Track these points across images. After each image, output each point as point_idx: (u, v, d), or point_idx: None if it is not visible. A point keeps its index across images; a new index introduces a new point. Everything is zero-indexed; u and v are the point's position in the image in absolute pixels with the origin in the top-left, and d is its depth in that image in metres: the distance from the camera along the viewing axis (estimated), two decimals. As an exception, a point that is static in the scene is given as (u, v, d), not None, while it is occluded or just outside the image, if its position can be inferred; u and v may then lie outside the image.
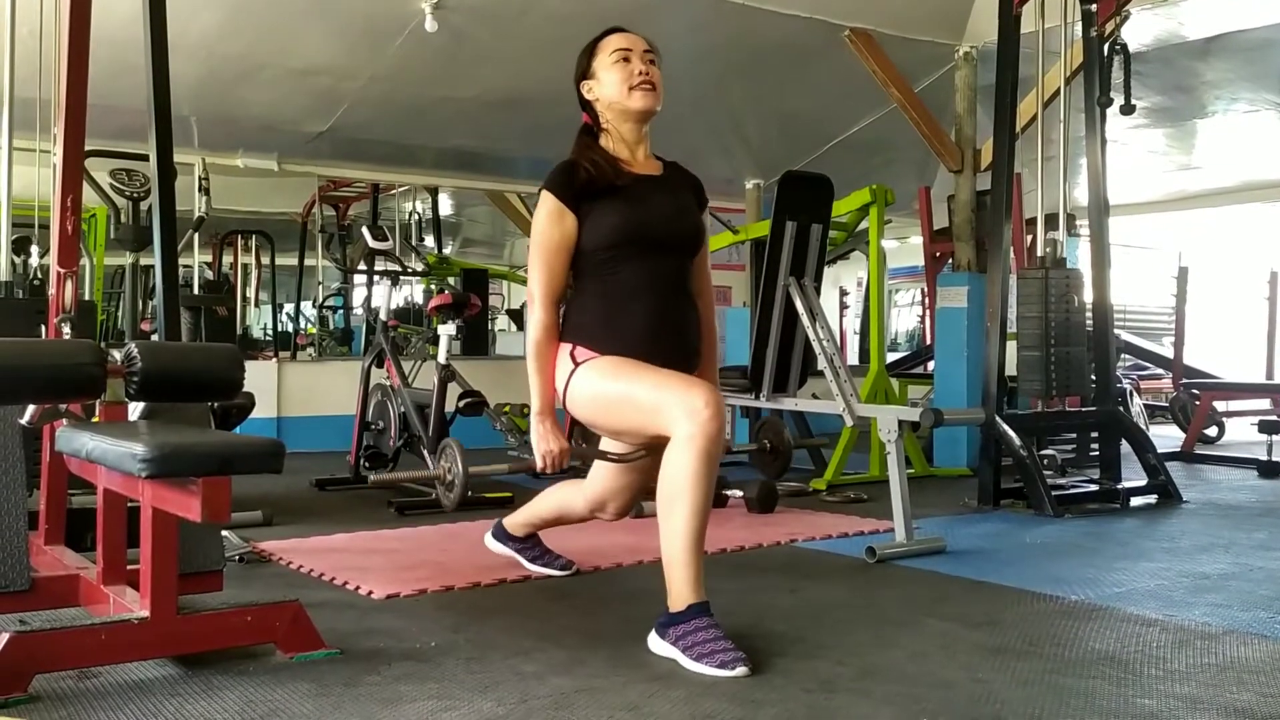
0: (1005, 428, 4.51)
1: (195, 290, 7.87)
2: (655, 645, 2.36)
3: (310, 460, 5.69)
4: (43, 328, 3.52)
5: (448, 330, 4.89)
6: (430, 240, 10.23)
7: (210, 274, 9.25)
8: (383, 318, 5.29)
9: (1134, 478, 4.88)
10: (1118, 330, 6.74)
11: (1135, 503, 4.67)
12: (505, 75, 6.09)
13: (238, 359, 2.63)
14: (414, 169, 8.15)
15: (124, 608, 2.30)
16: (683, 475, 2.30)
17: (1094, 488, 4.74)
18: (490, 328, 10.27)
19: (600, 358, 2.53)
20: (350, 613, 2.74)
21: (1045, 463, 4.82)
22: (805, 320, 4.76)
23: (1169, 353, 8.47)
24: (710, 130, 7.56)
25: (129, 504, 2.43)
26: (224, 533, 3.14)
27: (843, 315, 12.49)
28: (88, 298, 6.70)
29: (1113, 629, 2.61)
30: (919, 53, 6.26)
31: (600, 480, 2.86)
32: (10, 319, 3.77)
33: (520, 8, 5.43)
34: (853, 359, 10.74)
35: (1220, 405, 7.65)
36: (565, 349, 2.58)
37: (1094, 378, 4.92)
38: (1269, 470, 5.76)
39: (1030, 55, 4.90)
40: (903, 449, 3.64)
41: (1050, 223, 5.00)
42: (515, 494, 4.59)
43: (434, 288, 8.95)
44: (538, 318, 2.58)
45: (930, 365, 6.80)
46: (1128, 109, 4.97)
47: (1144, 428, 6.25)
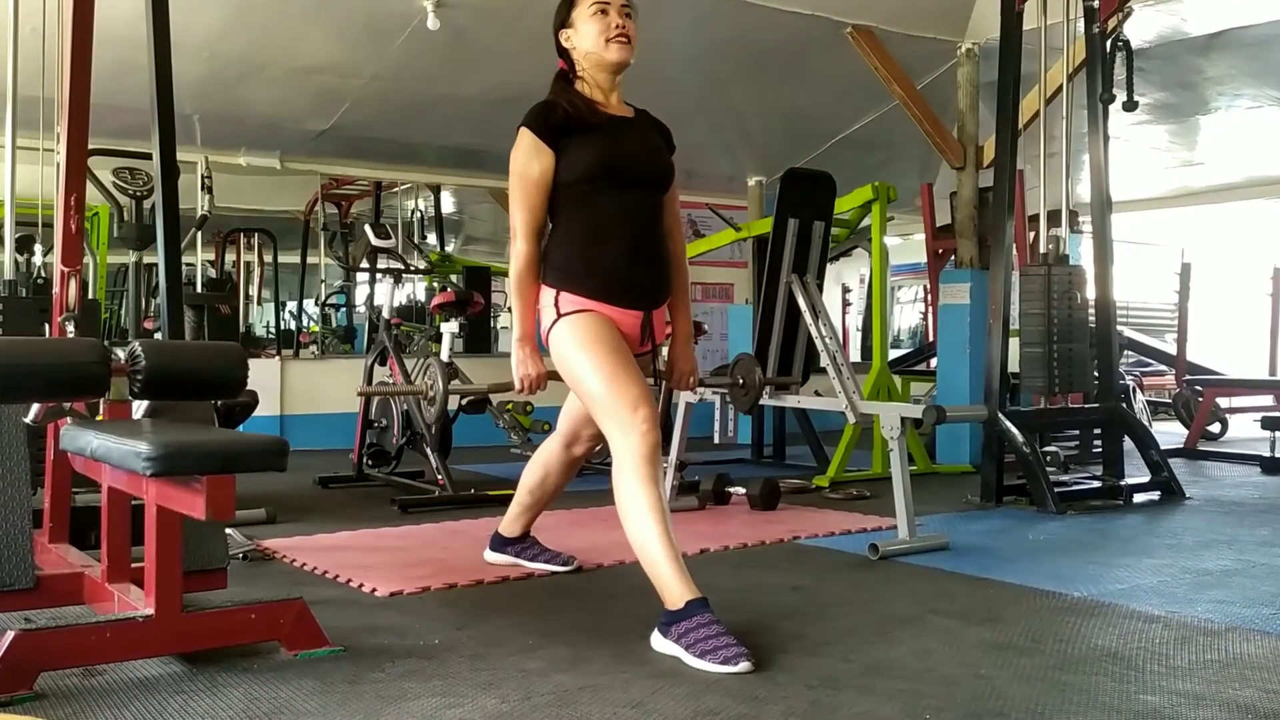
0: (1008, 424, 4.51)
1: (198, 288, 7.85)
2: (658, 644, 2.37)
3: (313, 458, 5.70)
4: (46, 326, 3.52)
5: (450, 328, 4.90)
6: (432, 238, 10.23)
7: (213, 272, 9.23)
8: (385, 316, 5.30)
9: (1137, 474, 4.89)
10: (1120, 326, 6.74)
11: (1138, 499, 4.68)
12: (507, 72, 6.08)
13: (241, 357, 2.63)
14: (416, 167, 8.15)
15: (129, 606, 2.31)
16: (630, 485, 2.44)
17: (1097, 484, 4.74)
18: (493, 325, 10.26)
19: (578, 315, 2.61)
20: (354, 610, 2.75)
21: (1048, 459, 4.82)
22: (808, 317, 4.76)
23: (1172, 349, 8.46)
24: (712, 127, 7.56)
25: (133, 502, 2.44)
26: (228, 530, 3.15)
27: (845, 312, 12.49)
28: (91, 296, 6.70)
29: (1115, 625, 2.61)
30: (921, 49, 6.26)
31: (572, 412, 3.01)
32: (14, 317, 3.78)
33: (521, 5, 5.43)
34: (855, 356, 10.74)
35: (1223, 401, 7.65)
36: (550, 294, 2.68)
37: (1096, 374, 4.92)
38: (1272, 466, 5.75)
39: (1032, 52, 4.89)
40: (905, 446, 3.64)
41: (1053, 219, 5.00)
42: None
43: (436, 285, 8.94)
44: (520, 249, 2.71)
45: (933, 362, 6.80)
46: (1130, 105, 4.97)
47: (1147, 424, 6.25)
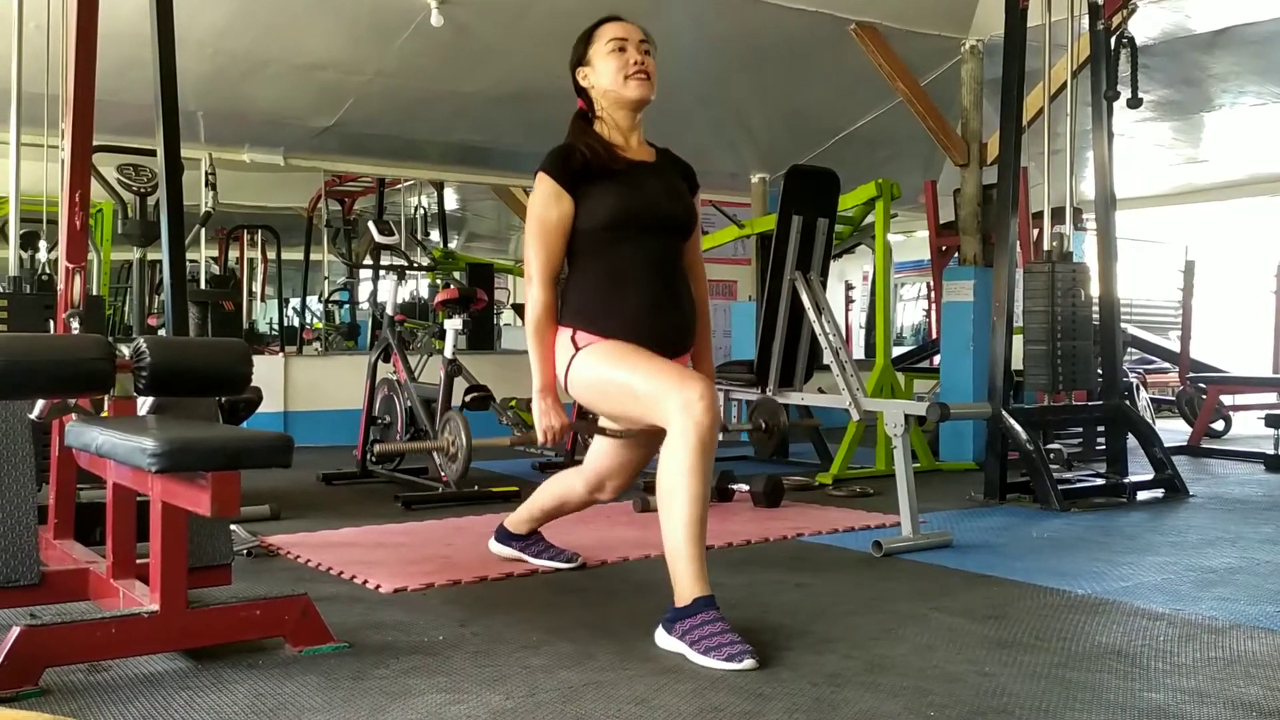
0: (1011, 422, 4.51)
1: (202, 285, 7.87)
2: (662, 640, 2.37)
3: (317, 455, 5.70)
4: (51, 323, 3.53)
5: (454, 325, 4.90)
6: (436, 235, 10.24)
7: (217, 269, 9.25)
8: (389, 312, 5.31)
9: (1140, 472, 4.88)
10: (1124, 324, 6.73)
11: (1142, 497, 4.67)
12: (510, 69, 6.09)
13: (245, 354, 2.63)
14: (419, 163, 8.16)
15: (134, 601, 2.31)
16: (679, 468, 2.34)
17: (1100, 482, 4.73)
18: (496, 322, 10.28)
19: (601, 342, 2.57)
20: (358, 606, 2.75)
21: (1051, 457, 4.81)
22: (811, 314, 4.76)
23: (1176, 346, 8.45)
24: (716, 124, 7.56)
25: (138, 498, 2.44)
26: (232, 527, 3.16)
27: (848, 309, 12.50)
28: (95, 293, 6.71)
29: (1119, 623, 2.61)
30: (925, 46, 6.25)
31: (599, 458, 2.90)
32: (19, 314, 3.78)
33: (524, 2, 5.43)
34: (858, 353, 10.74)
35: (1227, 399, 7.64)
36: (566, 333, 2.62)
37: (1100, 372, 4.91)
38: (1276, 464, 5.74)
39: (1037, 49, 4.89)
40: (909, 443, 3.64)
41: (1057, 216, 5.00)
42: (521, 488, 4.59)
43: (440, 282, 8.95)
44: (537, 297, 2.63)
45: (936, 359, 6.80)
46: (1135, 102, 4.96)
47: (1150, 422, 6.24)
